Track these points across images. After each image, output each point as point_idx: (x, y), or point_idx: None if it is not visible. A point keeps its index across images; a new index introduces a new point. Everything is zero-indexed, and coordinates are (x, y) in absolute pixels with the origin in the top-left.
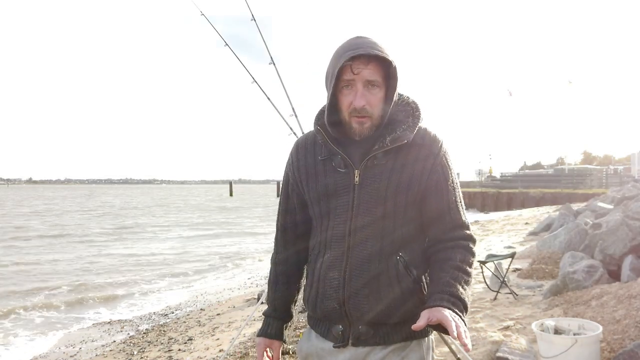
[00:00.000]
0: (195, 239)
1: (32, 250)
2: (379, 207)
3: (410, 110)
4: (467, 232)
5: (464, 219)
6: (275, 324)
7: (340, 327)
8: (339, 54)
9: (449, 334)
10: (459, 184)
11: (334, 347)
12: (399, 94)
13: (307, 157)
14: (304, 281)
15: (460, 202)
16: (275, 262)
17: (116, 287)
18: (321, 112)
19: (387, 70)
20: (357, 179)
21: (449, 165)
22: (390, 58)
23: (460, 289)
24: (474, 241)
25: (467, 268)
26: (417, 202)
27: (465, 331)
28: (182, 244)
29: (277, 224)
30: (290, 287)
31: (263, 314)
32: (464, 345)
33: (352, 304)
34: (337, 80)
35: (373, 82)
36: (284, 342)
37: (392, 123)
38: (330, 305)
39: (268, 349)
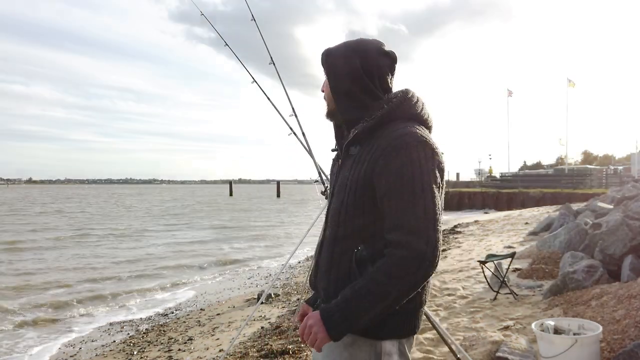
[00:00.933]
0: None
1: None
2: (340, 196)
3: (383, 105)
4: (409, 237)
5: (411, 222)
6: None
7: (319, 301)
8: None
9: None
10: (425, 184)
11: None
12: (402, 91)
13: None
14: None
15: (417, 202)
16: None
17: (116, 287)
18: None
19: (329, 65)
20: (337, 169)
21: (404, 159)
22: (330, 58)
23: (343, 302)
24: (412, 249)
25: (379, 279)
26: (371, 196)
27: (310, 338)
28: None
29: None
30: None
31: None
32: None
33: (318, 280)
34: None
35: (325, 74)
36: None
37: (365, 116)
38: (310, 280)
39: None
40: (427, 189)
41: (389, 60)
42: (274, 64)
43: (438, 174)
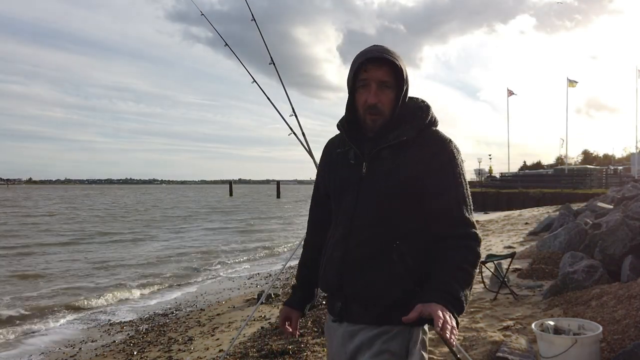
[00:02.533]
0: None
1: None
2: (378, 198)
3: (419, 112)
4: (472, 230)
5: (468, 216)
6: (297, 295)
7: (340, 303)
8: (356, 58)
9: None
10: (467, 184)
11: (332, 321)
12: (411, 97)
13: (331, 153)
14: None
15: (467, 200)
16: (304, 245)
17: (116, 286)
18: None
19: (398, 75)
20: (364, 170)
21: (453, 162)
22: (400, 63)
23: (458, 288)
24: (478, 240)
25: (468, 268)
26: (417, 197)
27: (452, 327)
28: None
29: (309, 213)
30: (313, 270)
31: (291, 286)
32: (447, 340)
33: (347, 282)
34: (354, 81)
35: (385, 83)
36: (304, 314)
37: (400, 122)
38: (331, 281)
39: (288, 319)
40: (468, 187)
41: None
42: (274, 64)
43: None
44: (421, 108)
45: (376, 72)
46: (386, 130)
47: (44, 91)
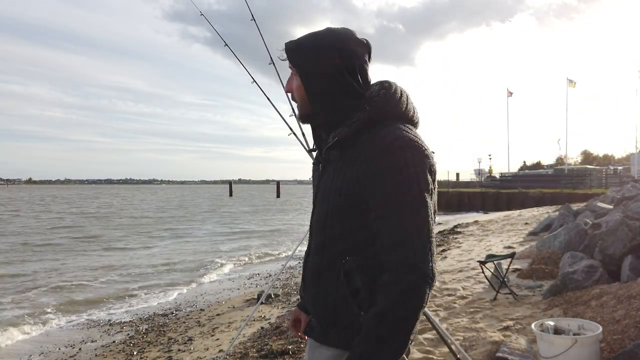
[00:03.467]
0: None
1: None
2: (324, 204)
3: (365, 105)
4: (408, 257)
5: (407, 237)
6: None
7: (311, 316)
8: None
9: None
10: (418, 195)
11: (304, 333)
12: (384, 86)
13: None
14: None
15: (410, 215)
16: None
17: (115, 287)
18: None
19: (300, 56)
20: (319, 174)
21: (396, 168)
22: (291, 45)
23: (370, 349)
24: (416, 270)
25: (388, 329)
26: (360, 206)
27: None
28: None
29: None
30: None
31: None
32: None
33: (306, 296)
34: None
35: (292, 69)
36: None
37: (345, 118)
38: (300, 292)
39: (297, 321)
40: (420, 198)
41: (367, 50)
42: (273, 64)
43: (430, 178)
44: (371, 100)
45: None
46: (324, 126)
47: (43, 91)
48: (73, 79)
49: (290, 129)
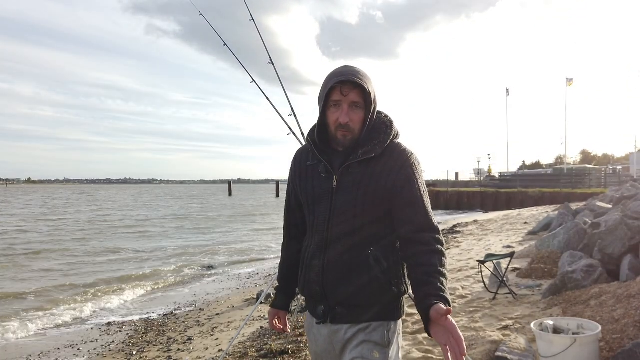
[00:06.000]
0: None
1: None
2: (351, 209)
3: (384, 128)
4: (437, 236)
5: (432, 222)
6: (281, 297)
7: (322, 307)
8: (329, 79)
9: (444, 344)
10: (426, 192)
11: (316, 323)
12: (378, 111)
13: (301, 164)
14: None
15: (428, 207)
16: (282, 248)
17: (115, 286)
18: (313, 128)
19: (367, 96)
20: (335, 183)
21: (416, 175)
22: (369, 87)
23: (445, 288)
24: (443, 244)
25: (446, 272)
26: (384, 206)
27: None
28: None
29: (283, 218)
30: (292, 270)
31: (274, 289)
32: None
33: (330, 288)
34: (327, 100)
35: (357, 104)
36: (290, 312)
37: (368, 138)
38: (313, 288)
39: (277, 318)
40: (425, 193)
41: None
42: (273, 64)
43: None
44: (385, 124)
45: (348, 94)
46: (356, 145)
47: (29, 89)
48: (59, 76)
49: (290, 128)
